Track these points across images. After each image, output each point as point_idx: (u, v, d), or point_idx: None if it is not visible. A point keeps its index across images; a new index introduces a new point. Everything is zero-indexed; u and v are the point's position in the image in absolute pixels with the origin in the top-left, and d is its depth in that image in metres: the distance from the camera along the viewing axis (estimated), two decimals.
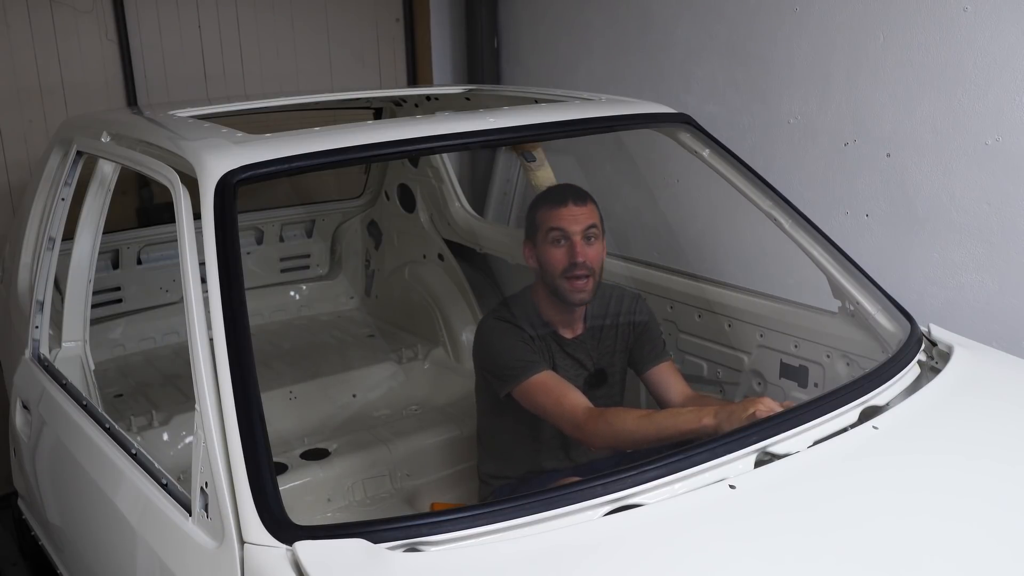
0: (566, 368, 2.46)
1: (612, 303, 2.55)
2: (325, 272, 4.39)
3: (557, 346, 2.48)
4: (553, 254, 2.37)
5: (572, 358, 2.48)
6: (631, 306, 2.56)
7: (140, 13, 4.10)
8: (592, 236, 2.37)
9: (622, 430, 2.18)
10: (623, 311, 2.55)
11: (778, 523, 1.63)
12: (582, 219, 2.36)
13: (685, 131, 2.60)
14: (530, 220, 2.44)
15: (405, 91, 3.87)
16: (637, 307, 2.57)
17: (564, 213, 2.36)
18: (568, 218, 2.35)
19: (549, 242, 2.37)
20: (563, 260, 2.36)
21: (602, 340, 2.52)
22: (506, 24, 4.67)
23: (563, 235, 2.35)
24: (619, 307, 2.55)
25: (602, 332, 2.53)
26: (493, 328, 2.45)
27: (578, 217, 2.35)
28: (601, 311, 2.54)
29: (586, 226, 2.36)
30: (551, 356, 2.46)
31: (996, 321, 2.94)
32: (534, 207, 2.45)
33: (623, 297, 2.58)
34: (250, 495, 1.59)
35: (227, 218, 1.89)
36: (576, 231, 2.35)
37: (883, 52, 3.10)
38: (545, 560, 1.53)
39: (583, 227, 2.35)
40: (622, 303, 2.56)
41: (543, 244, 2.39)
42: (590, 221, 2.37)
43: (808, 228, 2.47)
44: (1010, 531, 1.66)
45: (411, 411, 3.43)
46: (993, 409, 2.04)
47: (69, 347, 2.68)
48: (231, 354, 1.71)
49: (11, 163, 3.96)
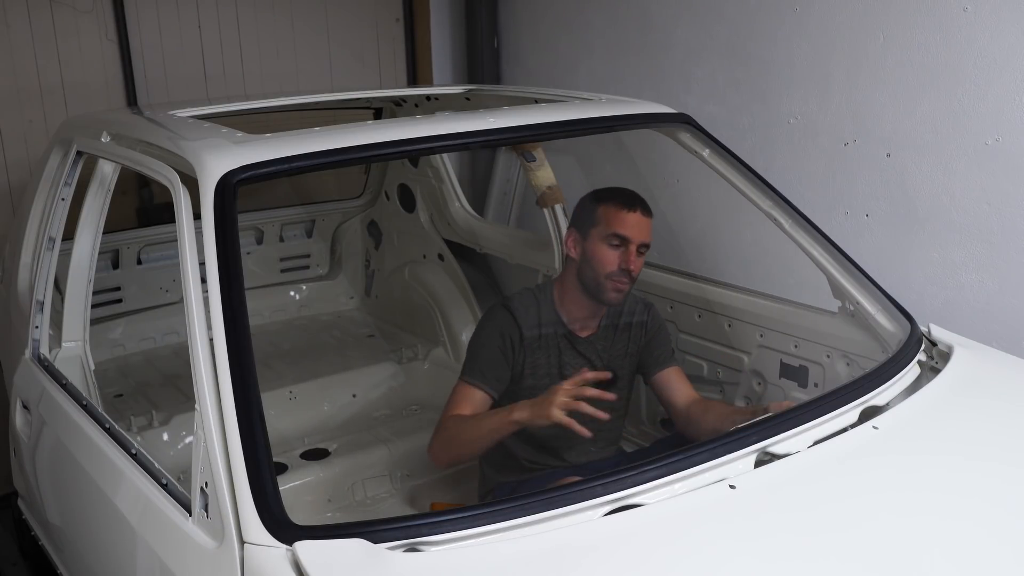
0: (575, 366, 2.48)
1: (626, 308, 2.58)
2: (325, 272, 4.39)
3: (568, 343, 2.50)
4: (607, 254, 2.39)
5: (582, 356, 2.50)
6: (643, 312, 2.59)
7: (140, 13, 4.10)
8: (643, 251, 2.42)
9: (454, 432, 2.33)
10: (635, 316, 2.58)
11: (778, 523, 1.63)
12: (644, 231, 2.40)
13: (685, 131, 2.60)
14: (590, 212, 2.44)
15: (405, 91, 3.87)
16: (649, 313, 2.60)
17: (631, 220, 2.38)
18: (634, 226, 2.38)
19: (606, 241, 2.39)
20: (615, 264, 2.38)
21: (614, 342, 2.55)
22: (506, 24, 4.67)
23: (624, 241, 2.38)
24: (632, 312, 2.58)
25: (615, 334, 2.55)
26: (492, 319, 2.50)
27: (643, 229, 2.39)
28: (615, 314, 2.56)
29: (643, 240, 2.40)
30: (558, 353, 2.48)
31: (996, 321, 2.94)
32: (599, 201, 2.44)
33: (636, 303, 2.61)
34: (250, 495, 1.59)
35: (227, 218, 1.89)
36: (636, 240, 2.38)
37: (883, 52, 3.10)
38: (545, 560, 1.53)
39: (641, 240, 2.39)
40: (635, 308, 2.59)
41: (598, 240, 2.40)
42: (648, 238, 2.42)
43: (808, 228, 2.47)
44: (1010, 531, 1.66)
45: (411, 411, 3.43)
46: (993, 409, 2.04)
47: (69, 347, 2.68)
48: (231, 354, 1.71)
49: (11, 163, 3.96)
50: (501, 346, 2.44)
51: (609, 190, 2.47)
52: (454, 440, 2.35)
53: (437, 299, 3.83)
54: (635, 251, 2.39)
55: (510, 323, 2.46)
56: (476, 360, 2.44)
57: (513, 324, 2.46)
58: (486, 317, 2.54)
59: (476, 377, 2.42)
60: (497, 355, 2.44)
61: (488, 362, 2.43)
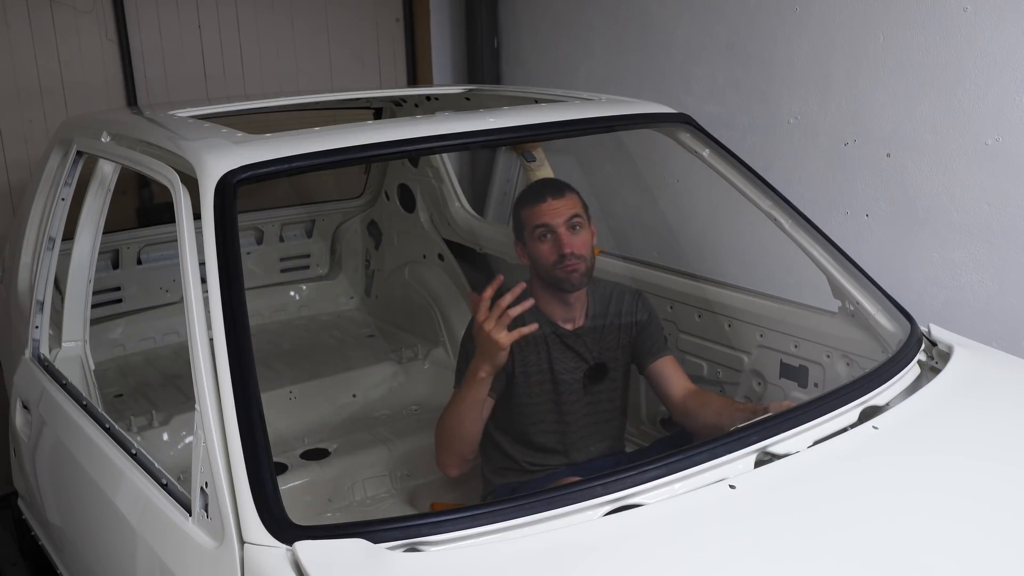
0: (565, 360, 2.47)
1: (614, 299, 2.56)
2: (325, 272, 4.39)
3: (556, 338, 2.49)
4: (541, 249, 2.40)
5: (572, 350, 2.49)
6: (632, 302, 2.57)
7: (140, 13, 4.10)
8: (577, 225, 2.40)
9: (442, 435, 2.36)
10: (624, 306, 2.56)
11: (778, 523, 1.63)
12: (564, 211, 2.39)
13: (685, 131, 2.60)
14: (516, 221, 2.48)
15: (405, 91, 3.87)
16: (639, 303, 2.58)
17: (544, 209, 2.39)
18: (549, 212, 2.38)
19: (536, 239, 2.41)
20: (552, 253, 2.39)
21: (603, 334, 2.53)
22: (506, 24, 4.67)
23: (548, 230, 2.39)
24: (620, 303, 2.56)
25: (603, 327, 2.54)
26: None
27: (559, 210, 2.39)
28: (603, 306, 2.55)
29: (568, 217, 2.39)
30: (547, 349, 2.47)
31: (996, 321, 2.94)
32: (517, 207, 2.48)
33: (624, 293, 2.59)
34: (250, 495, 1.59)
35: (227, 218, 1.89)
36: (559, 223, 2.38)
37: (883, 52, 3.10)
38: (545, 560, 1.53)
39: (565, 218, 2.38)
40: (623, 299, 2.57)
41: (531, 241, 2.42)
42: (572, 211, 2.40)
43: (808, 228, 2.47)
44: (1010, 531, 1.66)
45: (411, 411, 3.43)
46: (993, 409, 2.04)
47: (69, 347, 2.68)
48: (231, 354, 1.71)
49: (11, 163, 3.96)
50: None
51: (522, 192, 2.51)
52: (445, 438, 2.37)
53: (437, 299, 3.83)
54: (564, 231, 2.38)
55: None
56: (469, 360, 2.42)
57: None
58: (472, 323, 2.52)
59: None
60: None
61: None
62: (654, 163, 3.69)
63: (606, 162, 4.01)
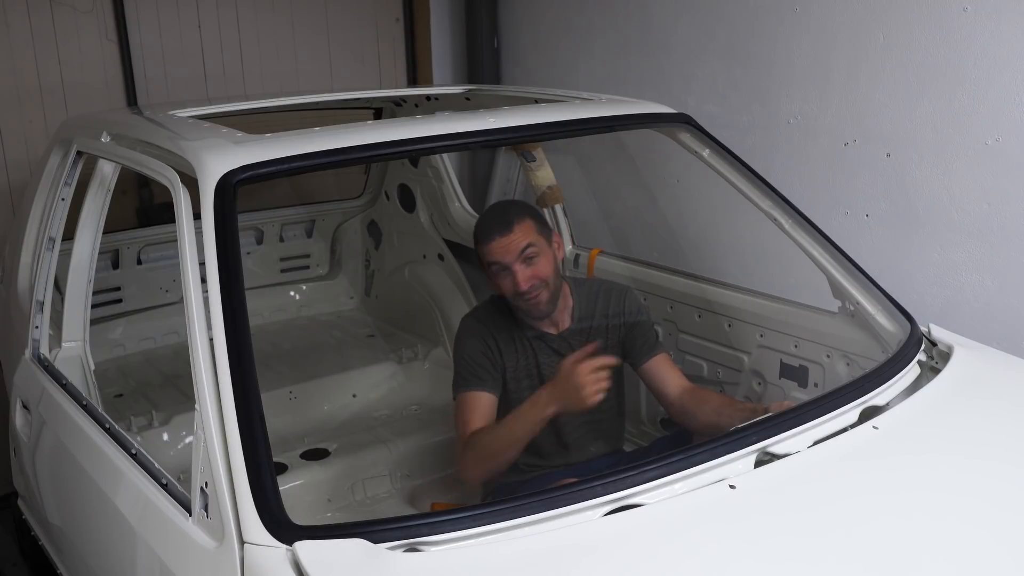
0: (553, 365, 2.45)
1: (600, 298, 2.55)
2: (325, 272, 4.39)
3: (542, 343, 2.49)
4: (502, 285, 2.41)
5: (559, 354, 2.46)
6: (619, 299, 2.56)
7: (140, 13, 4.10)
8: (531, 256, 2.36)
9: (484, 445, 2.29)
10: (611, 305, 2.55)
11: (778, 523, 1.63)
12: (514, 247, 2.35)
13: (685, 131, 2.60)
14: (476, 253, 2.46)
15: (405, 91, 3.87)
16: (626, 300, 2.56)
17: (494, 248, 2.36)
18: (499, 251, 2.36)
19: (494, 274, 2.41)
20: (510, 288, 2.39)
21: (591, 336, 2.51)
22: (506, 24, 4.67)
23: (501, 267, 2.38)
24: (607, 302, 2.55)
25: (590, 327, 2.52)
26: (466, 329, 2.51)
27: (508, 247, 2.35)
28: (589, 307, 2.54)
29: (519, 251, 2.35)
30: (534, 355, 2.47)
31: (996, 321, 2.94)
32: (474, 240, 2.45)
33: (611, 292, 2.57)
34: (250, 495, 1.59)
35: (227, 218, 1.89)
36: (512, 260, 2.35)
37: (883, 52, 3.10)
38: (545, 560, 1.53)
39: (516, 254, 2.35)
40: (610, 298, 2.55)
41: (491, 275, 2.42)
42: (522, 244, 2.35)
43: (808, 228, 2.47)
44: (1010, 531, 1.66)
45: (411, 411, 3.43)
46: (993, 409, 2.04)
47: (69, 347, 2.68)
48: (231, 354, 1.71)
49: (11, 163, 3.96)
50: (483, 350, 2.45)
51: (476, 224, 2.47)
52: (487, 453, 2.30)
53: (437, 299, 3.83)
54: (519, 266, 2.35)
55: (483, 330, 2.48)
56: (466, 368, 2.43)
57: (486, 331, 2.48)
58: (460, 331, 2.53)
59: (473, 384, 2.41)
60: (483, 359, 2.44)
61: (478, 366, 2.43)
62: (654, 163, 3.69)
63: (606, 162, 4.01)
